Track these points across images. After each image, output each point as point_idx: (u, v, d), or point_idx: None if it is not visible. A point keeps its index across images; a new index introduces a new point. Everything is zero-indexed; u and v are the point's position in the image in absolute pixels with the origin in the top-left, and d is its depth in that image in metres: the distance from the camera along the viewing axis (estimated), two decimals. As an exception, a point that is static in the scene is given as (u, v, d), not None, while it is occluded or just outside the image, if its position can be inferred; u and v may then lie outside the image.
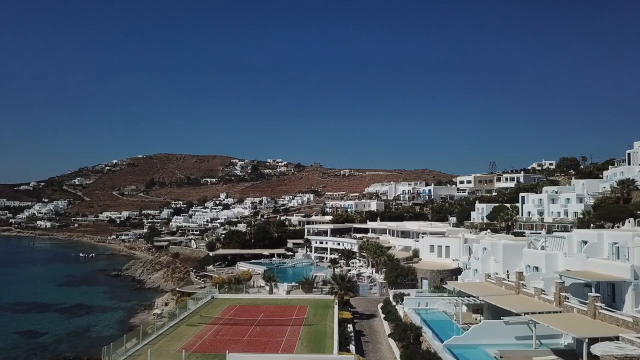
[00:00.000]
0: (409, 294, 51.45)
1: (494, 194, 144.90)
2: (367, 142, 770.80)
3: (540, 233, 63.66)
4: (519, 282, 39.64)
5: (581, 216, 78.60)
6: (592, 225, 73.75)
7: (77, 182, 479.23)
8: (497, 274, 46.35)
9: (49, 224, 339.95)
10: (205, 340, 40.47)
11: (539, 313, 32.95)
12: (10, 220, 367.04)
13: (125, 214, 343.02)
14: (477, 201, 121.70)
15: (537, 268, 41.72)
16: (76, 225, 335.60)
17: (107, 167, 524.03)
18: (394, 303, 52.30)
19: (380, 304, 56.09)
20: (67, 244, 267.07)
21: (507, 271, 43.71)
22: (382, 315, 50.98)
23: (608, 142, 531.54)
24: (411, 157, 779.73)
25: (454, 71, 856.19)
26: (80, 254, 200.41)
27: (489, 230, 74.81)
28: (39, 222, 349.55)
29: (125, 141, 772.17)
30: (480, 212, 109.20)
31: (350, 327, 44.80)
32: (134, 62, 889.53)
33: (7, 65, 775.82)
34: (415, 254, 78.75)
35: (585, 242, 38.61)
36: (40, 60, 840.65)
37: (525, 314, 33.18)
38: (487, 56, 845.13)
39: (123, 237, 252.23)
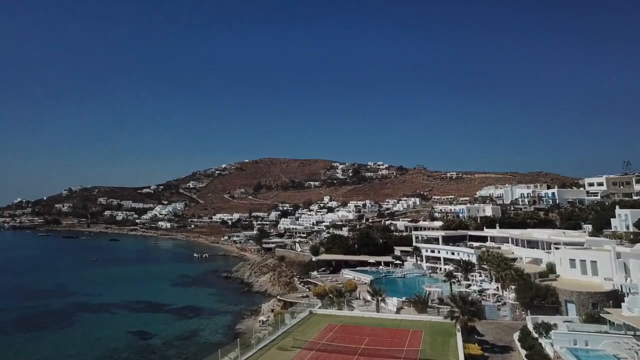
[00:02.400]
0: (555, 325, 40.75)
1: (634, 197, 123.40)
2: (474, 144, 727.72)
3: None
4: None
5: None
6: None
7: (191, 186, 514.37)
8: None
9: (169, 225, 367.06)
10: (298, 373, 34.33)
11: None
12: (136, 221, 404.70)
13: (236, 215, 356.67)
14: (617, 206, 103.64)
15: None
16: (192, 226, 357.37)
17: (217, 172, 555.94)
18: (535, 335, 41.85)
19: (517, 334, 45.45)
20: (185, 244, 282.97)
21: None
22: (523, 352, 40.61)
23: None
24: (523, 159, 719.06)
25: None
26: (194, 255, 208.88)
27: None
28: (160, 223, 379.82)
29: (233, 147, 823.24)
30: (623, 219, 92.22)
31: (481, 366, 35.90)
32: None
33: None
34: (550, 268, 66.32)
35: None
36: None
37: None
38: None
39: (234, 239, 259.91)
